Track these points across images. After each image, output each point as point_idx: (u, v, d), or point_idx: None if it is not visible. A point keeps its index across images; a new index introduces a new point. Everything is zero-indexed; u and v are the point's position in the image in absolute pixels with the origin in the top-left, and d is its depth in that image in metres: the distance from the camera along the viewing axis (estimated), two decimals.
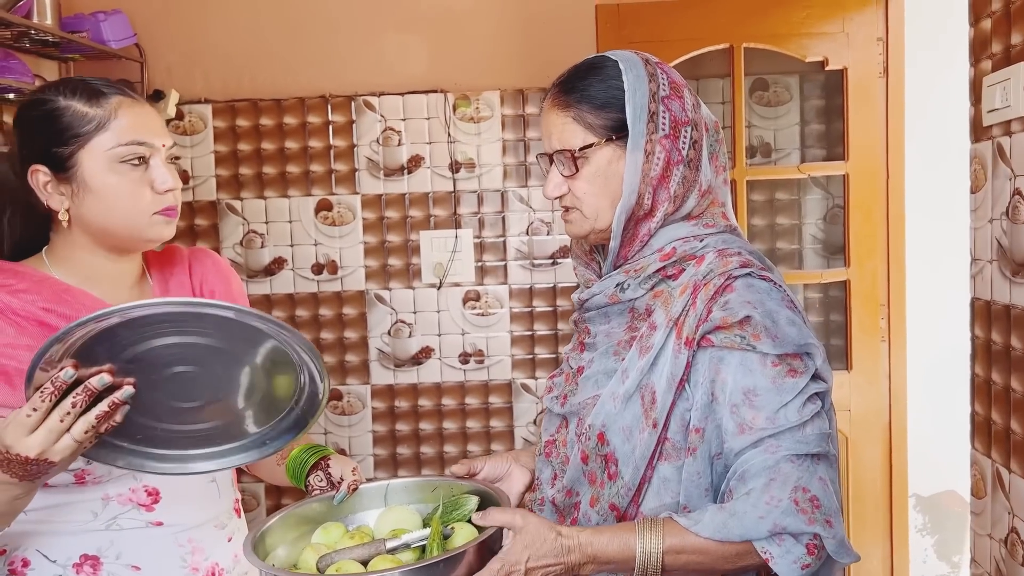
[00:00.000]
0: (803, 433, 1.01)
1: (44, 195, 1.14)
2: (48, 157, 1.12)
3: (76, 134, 1.11)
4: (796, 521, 0.97)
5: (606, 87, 1.10)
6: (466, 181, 2.65)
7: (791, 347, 1.03)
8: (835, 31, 2.49)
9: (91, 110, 1.12)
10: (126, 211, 1.13)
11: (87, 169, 1.12)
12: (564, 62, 1.19)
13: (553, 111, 1.12)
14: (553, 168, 1.13)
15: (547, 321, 2.67)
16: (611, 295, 1.13)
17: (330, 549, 1.09)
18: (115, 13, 2.46)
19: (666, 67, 1.14)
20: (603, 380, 1.12)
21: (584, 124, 1.10)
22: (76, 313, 1.11)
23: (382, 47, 2.63)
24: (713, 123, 1.16)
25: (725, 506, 1.00)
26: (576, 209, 1.13)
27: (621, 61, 1.11)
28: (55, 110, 1.12)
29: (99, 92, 1.14)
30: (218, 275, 1.34)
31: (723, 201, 1.16)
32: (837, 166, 2.56)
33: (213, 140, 2.66)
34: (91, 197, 1.13)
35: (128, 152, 1.12)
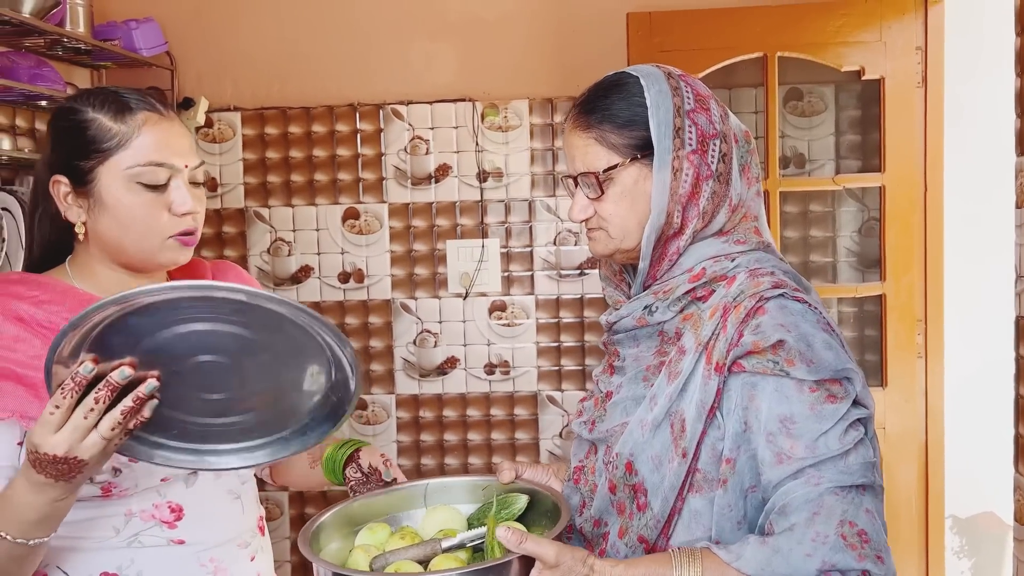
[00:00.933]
0: (846, 463, 0.96)
1: (63, 206, 1.13)
2: (70, 169, 1.12)
3: (98, 149, 1.10)
4: (846, 558, 0.92)
5: (628, 104, 1.06)
6: (493, 190, 2.63)
7: (828, 372, 0.98)
8: (872, 40, 2.43)
9: (115, 126, 1.10)
10: (140, 232, 1.12)
11: (104, 186, 1.10)
12: (594, 71, 1.16)
13: (575, 133, 1.09)
14: (578, 191, 1.10)
15: (574, 332, 2.64)
16: (639, 318, 1.10)
17: (379, 549, 1.06)
18: (147, 21, 2.48)
19: (690, 79, 1.10)
20: (631, 406, 1.08)
21: (607, 144, 1.06)
22: None
23: (411, 56, 2.62)
24: (743, 133, 1.11)
25: (767, 541, 0.95)
26: (601, 229, 1.10)
27: (642, 77, 1.07)
28: (81, 122, 1.11)
29: (127, 107, 1.12)
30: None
31: (756, 215, 1.12)
32: (873, 177, 2.50)
33: (242, 148, 2.66)
34: (106, 214, 1.11)
35: (146, 173, 1.10)
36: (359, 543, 1.10)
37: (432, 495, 1.20)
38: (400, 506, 1.19)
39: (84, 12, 2.31)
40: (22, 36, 2.19)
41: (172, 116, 1.16)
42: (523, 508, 1.13)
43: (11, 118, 2.28)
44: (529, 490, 1.15)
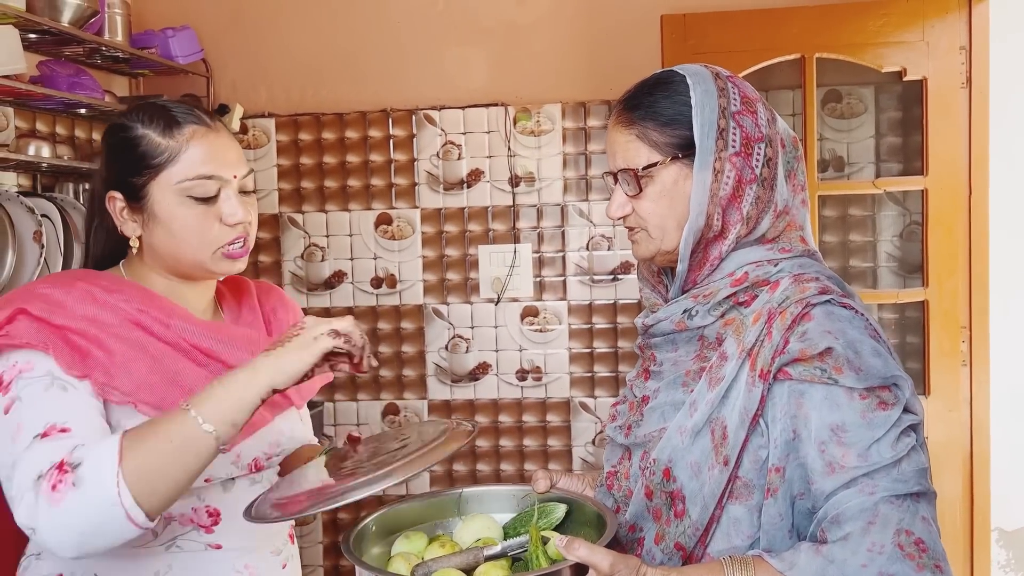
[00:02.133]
0: (899, 470, 0.94)
1: (119, 221, 1.16)
2: (124, 185, 1.15)
3: (148, 165, 1.13)
4: (904, 568, 0.90)
5: (672, 103, 1.04)
6: (526, 195, 2.61)
7: (876, 379, 0.96)
8: (914, 40, 2.37)
9: (164, 141, 1.13)
10: (194, 245, 1.14)
11: (157, 201, 1.13)
12: (628, 74, 1.14)
13: (617, 128, 1.08)
14: (617, 188, 1.09)
15: (607, 338, 2.61)
16: (678, 322, 1.07)
17: (418, 557, 1.06)
18: (183, 29, 2.51)
19: (738, 80, 1.08)
20: (670, 412, 1.06)
21: (648, 142, 1.05)
22: (168, 317, 1.13)
23: (443, 61, 2.62)
24: (791, 138, 1.09)
25: (821, 550, 0.93)
26: (642, 230, 1.09)
27: (689, 75, 1.06)
28: (132, 139, 1.14)
29: (175, 121, 1.14)
30: (284, 307, 1.36)
31: (801, 224, 1.09)
32: (915, 181, 2.44)
33: (276, 154, 2.68)
34: (160, 228, 1.14)
35: (196, 186, 1.13)
36: (397, 551, 1.09)
37: (466, 504, 1.19)
38: (434, 515, 1.18)
39: (122, 21, 2.34)
40: (62, 45, 2.23)
41: (219, 127, 1.18)
42: (561, 517, 1.11)
43: (51, 126, 2.31)
44: (566, 499, 1.13)
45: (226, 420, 0.98)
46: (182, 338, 1.13)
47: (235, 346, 1.17)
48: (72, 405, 1.03)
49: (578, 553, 0.91)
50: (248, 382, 0.99)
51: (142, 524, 0.96)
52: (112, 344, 1.07)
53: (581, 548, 0.91)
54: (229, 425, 0.99)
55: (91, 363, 1.06)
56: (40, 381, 1.04)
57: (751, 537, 0.99)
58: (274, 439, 1.25)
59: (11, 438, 1.01)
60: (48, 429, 1.00)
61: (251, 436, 1.19)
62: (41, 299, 1.07)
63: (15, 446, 1.01)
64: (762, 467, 0.99)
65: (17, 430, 1.01)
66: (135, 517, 0.95)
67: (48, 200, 2.07)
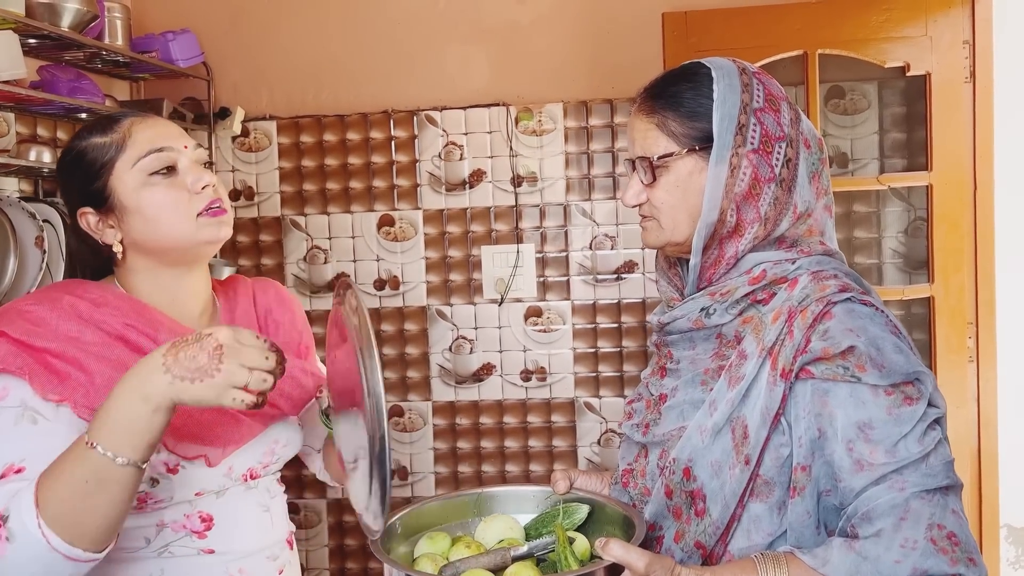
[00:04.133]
0: (928, 465, 0.94)
1: (97, 234, 1.16)
2: (87, 197, 1.15)
3: (101, 165, 1.13)
4: (938, 562, 0.90)
5: (696, 95, 1.04)
6: (528, 195, 2.61)
7: (899, 376, 0.96)
8: (917, 35, 2.36)
9: (106, 138, 1.14)
10: (170, 220, 1.13)
11: (121, 193, 1.13)
12: (630, 73, 1.14)
13: (639, 116, 1.08)
14: (634, 175, 1.08)
15: (611, 338, 2.60)
16: (695, 320, 1.07)
17: (443, 558, 1.05)
18: (183, 33, 2.50)
19: (765, 78, 1.08)
20: (689, 411, 1.06)
21: (667, 132, 1.05)
22: (156, 332, 1.12)
23: (444, 61, 2.61)
24: (816, 140, 1.08)
25: (854, 546, 0.93)
26: (653, 219, 1.08)
27: (715, 69, 1.05)
28: (78, 152, 1.15)
29: (111, 119, 1.16)
30: (281, 305, 1.34)
31: (822, 230, 1.08)
32: (920, 176, 2.42)
33: (278, 156, 2.68)
34: (134, 218, 1.13)
35: (152, 161, 1.13)
36: (422, 551, 1.09)
37: (485, 505, 1.19)
38: (453, 515, 1.18)
39: (122, 25, 2.34)
40: (62, 50, 2.23)
41: (156, 116, 1.20)
42: (584, 517, 1.11)
43: (52, 131, 2.31)
44: (588, 499, 1.13)
45: (136, 446, 0.94)
46: None
47: None
48: (36, 442, 1.02)
49: (614, 553, 0.91)
50: (144, 405, 0.94)
51: (90, 559, 0.96)
52: (92, 365, 1.06)
53: (617, 548, 0.91)
54: (142, 450, 0.95)
55: (70, 386, 1.04)
56: (11, 412, 1.03)
57: (771, 535, 0.99)
58: (268, 448, 1.24)
59: None
60: (5, 470, 1.00)
61: (240, 448, 1.18)
62: (24, 318, 1.06)
63: None
64: (783, 465, 0.99)
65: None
66: (78, 556, 0.94)
67: (49, 205, 2.07)
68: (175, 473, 1.11)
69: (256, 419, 1.19)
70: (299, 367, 1.26)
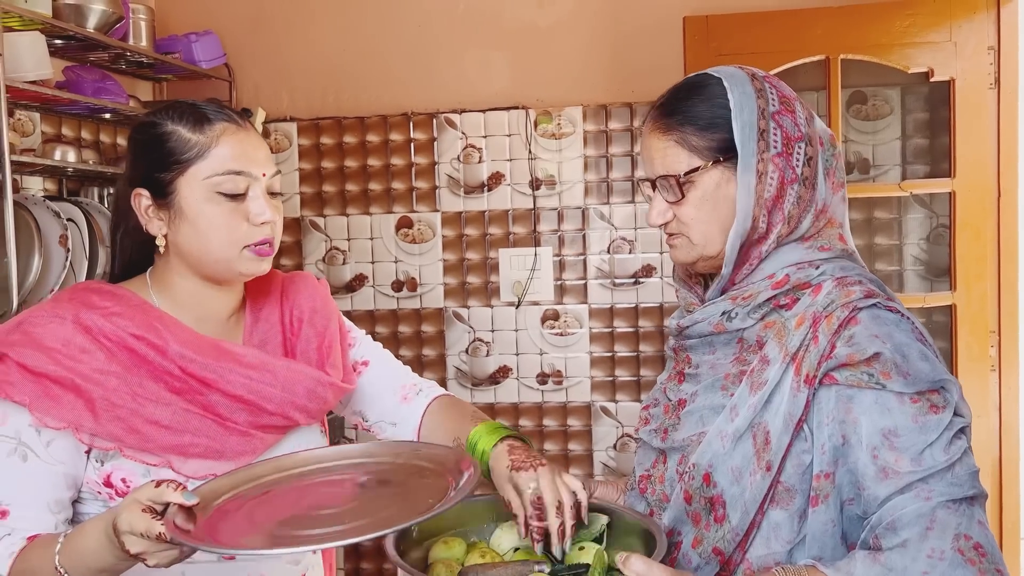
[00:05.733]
0: (954, 474, 0.92)
1: (144, 219, 1.14)
2: (150, 181, 1.12)
3: (177, 160, 1.11)
4: (966, 573, 0.89)
5: (710, 106, 1.03)
6: (546, 198, 2.60)
7: (925, 384, 0.94)
8: (941, 40, 2.34)
9: (194, 136, 1.11)
10: (219, 243, 1.12)
11: (184, 197, 1.11)
12: (650, 77, 1.14)
13: (654, 135, 1.06)
14: (657, 195, 1.07)
15: (628, 342, 2.59)
16: (716, 324, 1.06)
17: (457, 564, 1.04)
18: (206, 34, 2.52)
19: (775, 80, 1.07)
20: (709, 416, 1.04)
21: (688, 147, 1.03)
22: (164, 343, 1.10)
23: (464, 64, 2.62)
24: (829, 136, 1.08)
25: (878, 557, 0.91)
26: (682, 235, 1.07)
27: (725, 78, 1.04)
28: (161, 135, 1.12)
29: (205, 118, 1.12)
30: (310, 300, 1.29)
31: (840, 222, 1.08)
32: (942, 183, 2.40)
33: (298, 158, 2.69)
34: (186, 225, 1.12)
35: (225, 182, 1.11)
36: (436, 557, 1.08)
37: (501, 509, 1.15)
38: (469, 520, 1.15)
39: (146, 26, 2.37)
40: (87, 51, 2.25)
41: (249, 127, 1.16)
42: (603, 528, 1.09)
43: (76, 131, 2.34)
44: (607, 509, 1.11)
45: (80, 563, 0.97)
46: (178, 366, 1.10)
47: (234, 372, 1.13)
48: (24, 481, 1.03)
49: (635, 569, 0.90)
50: (116, 561, 0.96)
51: None
52: (91, 388, 1.05)
53: (639, 564, 0.90)
54: (87, 569, 0.98)
55: (68, 412, 1.04)
56: (5, 444, 1.04)
57: (790, 542, 0.98)
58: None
59: None
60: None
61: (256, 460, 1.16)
62: (30, 338, 1.06)
63: None
64: (804, 472, 0.97)
65: None
66: None
67: (74, 204, 2.09)
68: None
69: (268, 431, 1.17)
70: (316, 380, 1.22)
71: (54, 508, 1.06)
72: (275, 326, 1.25)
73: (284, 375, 1.17)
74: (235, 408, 1.13)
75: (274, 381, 1.16)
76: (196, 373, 1.11)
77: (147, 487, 0.93)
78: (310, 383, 1.21)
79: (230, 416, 1.13)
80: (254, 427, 1.15)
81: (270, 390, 1.15)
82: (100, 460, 1.08)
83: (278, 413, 1.16)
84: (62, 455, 1.05)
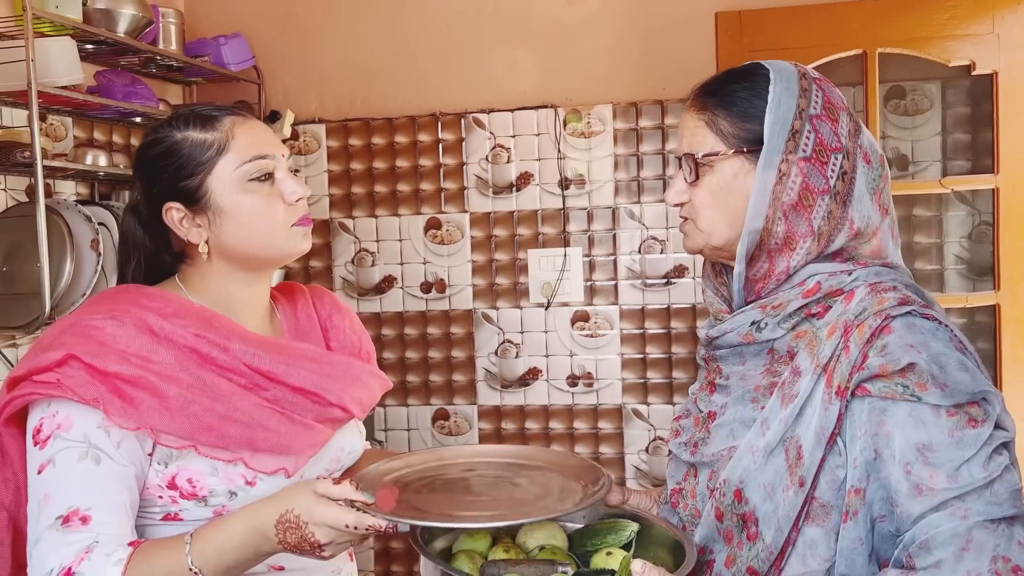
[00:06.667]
0: (992, 492, 0.88)
1: (182, 231, 1.13)
2: (178, 192, 1.12)
3: (200, 163, 1.11)
4: None
5: (751, 95, 1.00)
6: (576, 198, 2.57)
7: (964, 396, 0.90)
8: (984, 32, 2.27)
9: (208, 136, 1.11)
10: (265, 228, 1.13)
11: (219, 194, 1.11)
12: (681, 74, 1.11)
13: (690, 112, 1.04)
14: (678, 173, 1.05)
15: (660, 344, 2.55)
16: (745, 334, 1.02)
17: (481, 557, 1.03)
18: (235, 37, 2.53)
19: (827, 85, 1.03)
20: (739, 430, 1.01)
21: (716, 130, 1.01)
22: (227, 340, 1.10)
23: (492, 63, 2.60)
24: (878, 156, 1.03)
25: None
26: (691, 221, 1.05)
27: (774, 71, 1.01)
28: (174, 144, 1.12)
29: (211, 117, 1.13)
30: (339, 312, 1.34)
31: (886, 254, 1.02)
32: (985, 179, 2.33)
33: (327, 160, 2.69)
34: (228, 221, 1.12)
35: (254, 168, 1.12)
36: (460, 548, 1.07)
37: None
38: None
39: (176, 30, 2.37)
40: (118, 55, 2.27)
41: (252, 117, 1.18)
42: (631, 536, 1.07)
43: (108, 135, 2.36)
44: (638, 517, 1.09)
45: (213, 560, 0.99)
46: (242, 362, 1.10)
47: (297, 366, 1.14)
48: (101, 485, 1.02)
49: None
50: (255, 555, 1.00)
51: None
52: (165, 387, 1.04)
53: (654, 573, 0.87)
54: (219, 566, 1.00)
55: (144, 412, 1.03)
56: (75, 449, 1.02)
57: (828, 561, 0.94)
58: (334, 455, 1.23)
59: (39, 505, 1.01)
60: (70, 513, 0.99)
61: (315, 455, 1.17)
62: (92, 339, 1.04)
63: (40, 517, 1.01)
64: (840, 488, 0.94)
65: (45, 499, 1.01)
66: None
67: (105, 208, 2.11)
68: (253, 486, 1.10)
69: (327, 424, 1.18)
70: (367, 371, 1.25)
71: (131, 512, 1.05)
72: (315, 327, 1.27)
73: (342, 367, 1.20)
74: (297, 401, 1.14)
75: (333, 373, 1.18)
76: (261, 368, 1.12)
77: (322, 483, 0.98)
78: (364, 375, 1.24)
79: (295, 410, 1.13)
80: (317, 419, 1.16)
81: (330, 382, 1.17)
82: (164, 462, 1.07)
83: (338, 405, 1.18)
84: (132, 456, 1.05)
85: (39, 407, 1.04)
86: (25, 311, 1.88)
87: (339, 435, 1.23)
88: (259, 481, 1.10)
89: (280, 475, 1.11)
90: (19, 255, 1.92)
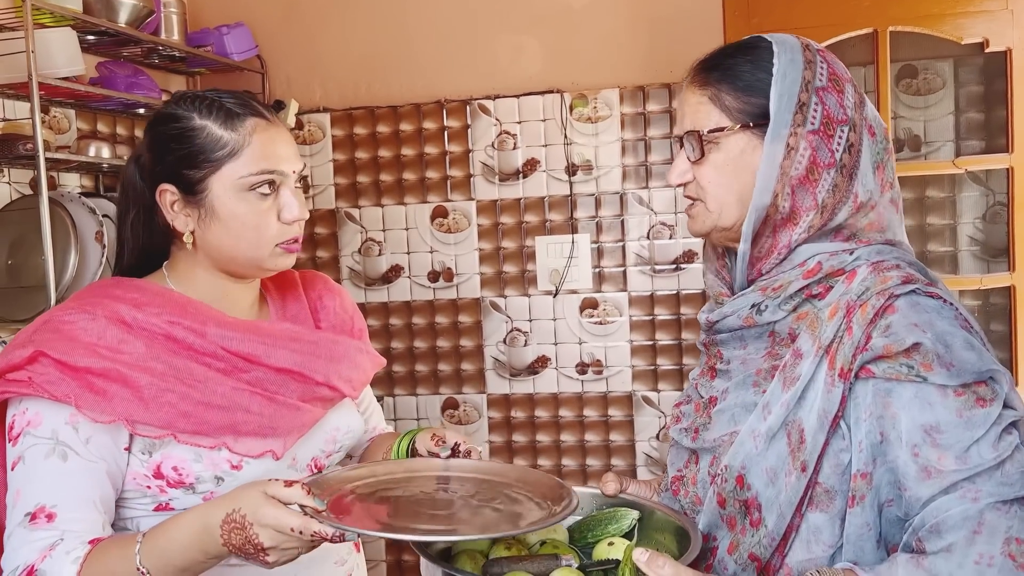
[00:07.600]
0: (1003, 473, 0.86)
1: (170, 215, 1.12)
2: (178, 178, 1.10)
3: (209, 159, 1.09)
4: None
5: (754, 68, 0.97)
6: (583, 184, 2.55)
7: (971, 375, 0.88)
8: (997, 8, 2.22)
9: (226, 134, 1.09)
10: (251, 241, 1.11)
11: (216, 196, 1.10)
12: (688, 56, 1.07)
13: (690, 89, 1.01)
14: (680, 153, 1.02)
15: (670, 330, 2.53)
16: (746, 317, 1.00)
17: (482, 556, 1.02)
18: (238, 26, 2.51)
19: (830, 57, 1.01)
20: (741, 415, 0.99)
21: (720, 105, 0.98)
22: (202, 325, 1.09)
23: (496, 49, 2.57)
24: (882, 129, 1.00)
25: (922, 562, 0.85)
26: (699, 201, 1.02)
27: (776, 43, 0.99)
28: (190, 130, 1.10)
29: (235, 114, 1.10)
30: (329, 292, 1.33)
31: (885, 226, 1.00)
32: (999, 159, 2.29)
33: (332, 149, 2.67)
34: (217, 224, 1.10)
35: (259, 181, 1.09)
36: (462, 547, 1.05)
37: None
38: None
39: (178, 20, 2.36)
40: (119, 46, 2.25)
41: (276, 121, 1.14)
42: (632, 524, 1.06)
43: (111, 126, 2.34)
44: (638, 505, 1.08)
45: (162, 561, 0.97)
46: (219, 346, 1.09)
47: (277, 346, 1.14)
48: (67, 482, 1.01)
49: (662, 572, 0.84)
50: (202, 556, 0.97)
51: None
52: (137, 377, 1.04)
53: (666, 567, 0.84)
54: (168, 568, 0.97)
55: (117, 404, 1.02)
56: (43, 446, 1.01)
57: (832, 546, 0.92)
58: (330, 436, 1.22)
59: (12, 502, 1.02)
60: (37, 511, 0.99)
61: (304, 436, 1.16)
62: (62, 335, 1.04)
63: (13, 513, 1.01)
64: (844, 472, 0.91)
65: (16, 496, 1.01)
66: None
67: (109, 200, 2.10)
68: (240, 470, 1.09)
69: (316, 404, 1.17)
70: (354, 347, 1.24)
71: (100, 507, 1.04)
72: (304, 309, 1.26)
73: (327, 345, 1.19)
74: (282, 382, 1.13)
75: (317, 351, 1.17)
76: (239, 351, 1.10)
77: (272, 484, 0.93)
78: (351, 351, 1.22)
79: (278, 391, 1.12)
80: (304, 399, 1.15)
81: (314, 361, 1.16)
82: (147, 452, 1.06)
83: (324, 383, 1.17)
84: (102, 451, 1.04)
85: (12, 404, 1.04)
86: (30, 304, 1.87)
87: (332, 414, 1.21)
88: (245, 465, 1.09)
89: (268, 458, 1.10)
90: (23, 248, 1.91)
